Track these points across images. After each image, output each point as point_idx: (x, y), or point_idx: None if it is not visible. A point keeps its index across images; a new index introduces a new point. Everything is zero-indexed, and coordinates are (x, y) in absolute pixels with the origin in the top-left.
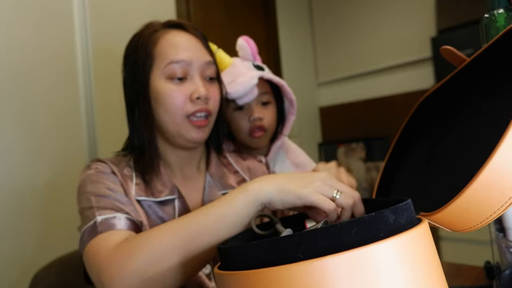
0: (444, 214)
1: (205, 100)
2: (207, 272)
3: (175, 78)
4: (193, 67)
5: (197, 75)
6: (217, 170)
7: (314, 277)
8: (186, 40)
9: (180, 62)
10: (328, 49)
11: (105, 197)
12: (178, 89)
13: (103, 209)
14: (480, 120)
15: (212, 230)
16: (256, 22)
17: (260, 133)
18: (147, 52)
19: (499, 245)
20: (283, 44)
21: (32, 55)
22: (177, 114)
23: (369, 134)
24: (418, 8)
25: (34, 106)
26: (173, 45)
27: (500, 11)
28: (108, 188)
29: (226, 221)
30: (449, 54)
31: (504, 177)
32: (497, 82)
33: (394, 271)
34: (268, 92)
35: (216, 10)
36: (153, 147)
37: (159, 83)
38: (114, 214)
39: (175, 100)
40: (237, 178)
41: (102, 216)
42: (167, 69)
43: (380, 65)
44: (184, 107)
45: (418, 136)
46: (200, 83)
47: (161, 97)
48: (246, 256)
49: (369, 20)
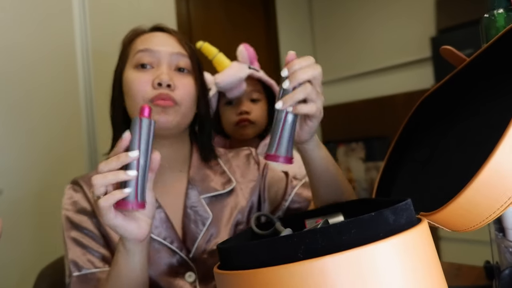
0: (444, 214)
1: (167, 88)
2: (191, 281)
3: (140, 66)
4: (160, 56)
5: (164, 64)
6: (198, 172)
7: (313, 276)
8: (159, 36)
9: (146, 50)
10: (327, 49)
11: (81, 247)
12: (141, 76)
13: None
14: (479, 120)
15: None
16: (256, 22)
17: (245, 122)
18: (124, 50)
19: (499, 245)
20: (283, 44)
21: (32, 54)
22: (139, 99)
23: (369, 134)
24: (418, 8)
25: (33, 106)
26: (144, 40)
27: (500, 11)
28: (84, 236)
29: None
30: (449, 54)
31: (503, 177)
32: (497, 82)
33: (394, 271)
34: (258, 90)
35: (216, 11)
36: None
37: (128, 73)
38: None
39: (137, 85)
40: (222, 179)
41: (78, 273)
42: (135, 58)
43: (380, 65)
44: (145, 94)
45: (418, 136)
46: (165, 71)
47: (127, 86)
48: (245, 256)
49: (369, 20)
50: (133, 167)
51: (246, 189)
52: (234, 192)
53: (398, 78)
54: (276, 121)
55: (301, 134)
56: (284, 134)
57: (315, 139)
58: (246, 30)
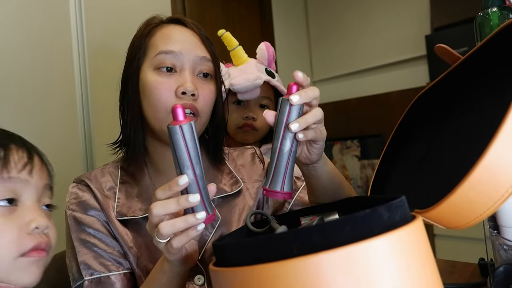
0: (438, 211)
1: (191, 97)
2: (200, 284)
3: (162, 69)
4: (183, 60)
5: (188, 69)
6: (207, 173)
7: (308, 273)
8: (181, 33)
9: (169, 52)
10: (323, 46)
11: (91, 250)
12: (164, 81)
13: (91, 268)
14: (474, 118)
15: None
16: (252, 19)
17: (249, 128)
18: (141, 44)
19: (493, 242)
20: (278, 41)
21: (28, 55)
22: (160, 109)
23: (364, 131)
24: (413, 6)
25: (30, 107)
26: (165, 37)
27: (494, 10)
28: (95, 238)
29: None
30: (444, 52)
31: (496, 174)
32: (491, 80)
33: (388, 268)
34: (269, 97)
35: (211, 7)
36: (137, 144)
37: (147, 74)
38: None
39: (159, 93)
40: (230, 179)
41: (90, 276)
42: (156, 59)
43: (375, 63)
44: (167, 102)
45: (413, 134)
46: (188, 78)
47: (147, 89)
48: (241, 253)
49: (364, 18)
50: (194, 189)
51: (252, 189)
52: (241, 193)
53: (393, 76)
54: (280, 155)
55: (311, 158)
56: (289, 168)
57: (323, 157)
58: (241, 28)
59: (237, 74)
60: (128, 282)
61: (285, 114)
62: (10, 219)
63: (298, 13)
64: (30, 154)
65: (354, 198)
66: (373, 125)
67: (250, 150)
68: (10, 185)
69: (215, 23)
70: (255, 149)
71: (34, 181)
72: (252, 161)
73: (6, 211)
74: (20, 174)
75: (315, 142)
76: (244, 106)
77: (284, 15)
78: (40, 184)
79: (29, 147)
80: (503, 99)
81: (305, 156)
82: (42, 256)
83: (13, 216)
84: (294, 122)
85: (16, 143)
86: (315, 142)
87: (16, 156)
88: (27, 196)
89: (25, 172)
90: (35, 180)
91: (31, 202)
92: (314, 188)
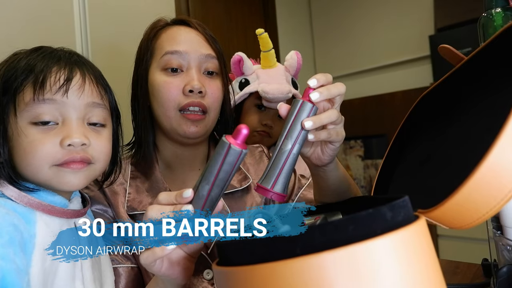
0: (441, 211)
1: (199, 94)
2: (209, 278)
3: (169, 69)
4: (189, 59)
5: (194, 67)
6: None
7: (311, 272)
8: (186, 33)
9: (175, 53)
10: (326, 46)
11: None
12: (171, 81)
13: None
14: (477, 118)
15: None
16: (255, 20)
17: (265, 134)
18: (148, 46)
19: (497, 243)
20: (282, 41)
21: None
22: (169, 107)
23: (368, 131)
24: (417, 6)
25: None
26: (171, 38)
27: (498, 10)
28: None
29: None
30: (447, 53)
31: (499, 174)
32: (495, 80)
33: (391, 268)
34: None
35: (215, 7)
36: (148, 143)
37: (155, 74)
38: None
39: (167, 92)
40: (239, 175)
41: None
42: (162, 60)
43: (379, 63)
44: (176, 100)
45: (417, 134)
46: (195, 76)
47: (156, 90)
48: (243, 252)
49: (367, 18)
50: (199, 205)
51: None
52: (250, 190)
53: (397, 76)
54: (279, 153)
55: (323, 158)
56: (285, 169)
57: (335, 161)
58: (245, 27)
59: (267, 79)
60: (135, 277)
61: (293, 114)
62: (48, 136)
63: (301, 13)
64: (70, 75)
65: (357, 198)
66: (376, 125)
67: (259, 148)
68: (46, 106)
69: (219, 23)
70: (263, 148)
71: (70, 101)
72: (260, 158)
73: (45, 129)
74: (55, 95)
75: (331, 143)
76: (265, 112)
77: (288, 15)
78: (80, 103)
79: (72, 67)
80: (507, 99)
81: (316, 156)
82: (78, 168)
83: (52, 133)
84: (308, 120)
85: (59, 64)
86: (331, 143)
87: (54, 78)
88: (66, 116)
89: (59, 94)
90: (72, 100)
91: (70, 121)
92: (321, 189)
